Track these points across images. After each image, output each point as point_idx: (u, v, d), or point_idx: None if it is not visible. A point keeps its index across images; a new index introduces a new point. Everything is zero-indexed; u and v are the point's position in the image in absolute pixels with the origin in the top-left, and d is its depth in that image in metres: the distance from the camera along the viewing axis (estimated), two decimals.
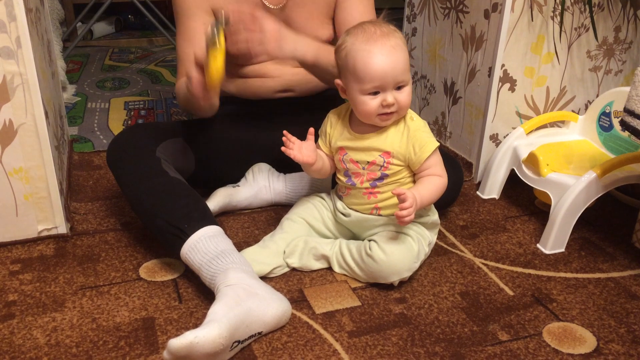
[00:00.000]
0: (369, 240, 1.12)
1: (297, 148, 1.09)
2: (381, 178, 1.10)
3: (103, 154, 1.63)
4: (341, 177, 1.15)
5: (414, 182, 1.12)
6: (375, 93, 1.04)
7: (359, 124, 1.11)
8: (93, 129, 1.83)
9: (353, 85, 1.05)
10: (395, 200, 1.11)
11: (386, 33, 1.03)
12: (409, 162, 1.09)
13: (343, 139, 1.12)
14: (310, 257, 1.15)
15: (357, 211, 1.15)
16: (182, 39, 1.28)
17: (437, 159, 1.09)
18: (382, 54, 1.02)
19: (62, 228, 1.24)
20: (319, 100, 1.37)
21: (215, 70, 1.02)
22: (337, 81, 1.09)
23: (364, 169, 1.11)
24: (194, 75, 1.07)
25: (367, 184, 1.11)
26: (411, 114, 1.11)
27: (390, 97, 1.04)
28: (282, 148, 1.09)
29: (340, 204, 1.18)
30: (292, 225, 1.19)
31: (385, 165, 1.09)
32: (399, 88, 1.05)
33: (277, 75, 1.33)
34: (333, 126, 1.15)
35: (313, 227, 1.20)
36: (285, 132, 1.09)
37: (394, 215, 1.12)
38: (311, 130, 1.12)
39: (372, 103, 1.04)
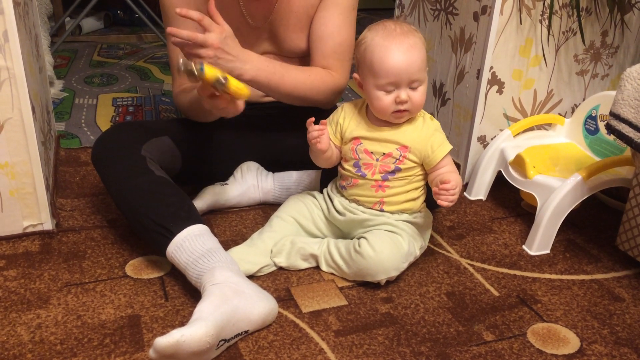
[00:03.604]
0: (359, 238, 1.13)
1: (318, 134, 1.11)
2: (393, 172, 1.11)
3: (90, 150, 1.61)
4: (349, 168, 1.15)
5: (426, 182, 1.15)
6: (390, 89, 1.07)
7: (377, 117, 1.12)
8: (80, 125, 1.82)
9: (369, 80, 1.08)
10: (400, 198, 1.13)
11: (406, 32, 1.07)
12: (424, 160, 1.11)
13: (360, 130, 1.14)
14: (298, 257, 1.15)
15: (360, 203, 1.15)
16: (172, 47, 1.28)
17: (450, 160, 1.12)
18: (399, 51, 1.05)
19: (48, 224, 1.23)
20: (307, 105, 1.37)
21: (240, 88, 1.03)
22: (355, 75, 1.13)
23: (377, 160, 1.12)
24: (221, 105, 1.06)
25: (378, 176, 1.12)
26: (429, 115, 1.14)
27: (404, 94, 1.06)
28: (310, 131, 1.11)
29: (338, 201, 1.18)
30: (281, 224, 1.19)
31: (400, 159, 1.10)
32: (413, 87, 1.07)
33: None
34: (347, 117, 1.16)
35: (302, 226, 1.20)
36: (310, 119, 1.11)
37: (393, 212, 1.14)
38: (324, 121, 1.13)
39: (386, 99, 1.07)
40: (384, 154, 1.11)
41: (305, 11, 1.28)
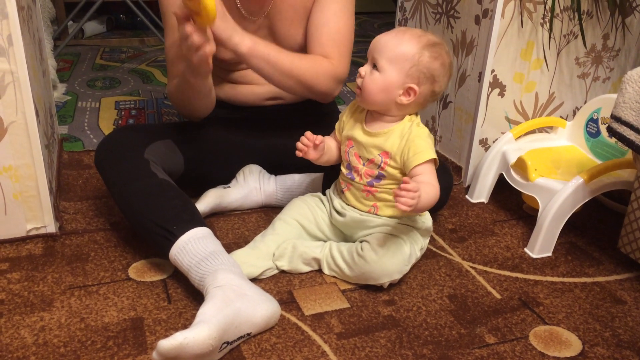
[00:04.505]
0: (361, 242, 1.13)
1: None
2: (379, 178, 1.11)
3: (93, 153, 1.61)
4: (343, 169, 1.16)
5: None
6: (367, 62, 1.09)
7: (372, 120, 1.12)
8: (83, 128, 1.83)
9: None
10: (392, 204, 1.12)
11: (419, 35, 1.07)
12: (403, 165, 1.09)
13: (354, 131, 1.14)
14: (300, 261, 1.15)
15: (355, 208, 1.15)
16: (169, 38, 1.28)
17: (430, 169, 1.06)
18: (390, 33, 1.07)
19: (51, 227, 1.24)
20: (310, 107, 1.37)
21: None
22: None
23: (364, 165, 1.12)
24: (188, 28, 1.01)
25: (364, 181, 1.12)
26: (420, 123, 1.12)
27: (364, 67, 1.08)
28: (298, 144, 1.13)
29: (337, 202, 1.18)
30: (284, 227, 1.19)
31: (382, 165, 1.10)
32: (375, 69, 1.07)
33: (266, 82, 1.28)
34: (349, 115, 1.17)
35: (305, 229, 1.20)
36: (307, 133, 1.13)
37: (390, 217, 1.13)
38: (319, 137, 1.13)
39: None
40: (368, 159, 1.11)
41: (302, 3, 1.27)
